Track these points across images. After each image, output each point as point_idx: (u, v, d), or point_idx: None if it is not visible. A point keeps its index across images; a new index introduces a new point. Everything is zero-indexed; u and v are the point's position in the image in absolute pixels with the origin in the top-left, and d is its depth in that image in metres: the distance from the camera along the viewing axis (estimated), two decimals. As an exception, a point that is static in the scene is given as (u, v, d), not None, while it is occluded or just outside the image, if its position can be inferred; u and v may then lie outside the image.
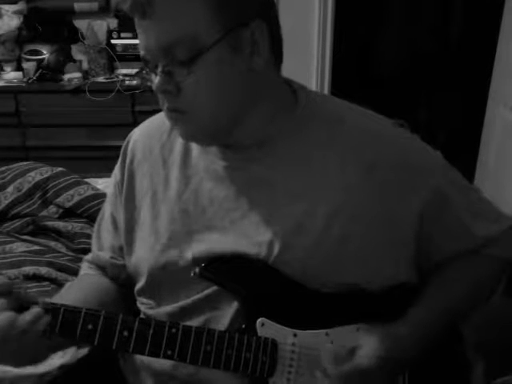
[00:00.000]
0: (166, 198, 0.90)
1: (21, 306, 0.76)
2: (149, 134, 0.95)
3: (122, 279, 0.98)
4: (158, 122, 0.94)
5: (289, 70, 0.97)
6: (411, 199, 0.84)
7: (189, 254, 0.86)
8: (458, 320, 0.93)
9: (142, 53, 0.78)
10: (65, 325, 0.77)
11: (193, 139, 0.85)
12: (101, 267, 1.00)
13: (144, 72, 0.80)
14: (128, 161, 0.95)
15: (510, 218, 0.94)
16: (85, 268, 1.03)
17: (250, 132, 0.83)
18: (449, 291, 0.89)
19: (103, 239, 1.00)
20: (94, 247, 1.02)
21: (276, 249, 0.82)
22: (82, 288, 0.98)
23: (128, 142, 0.97)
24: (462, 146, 3.16)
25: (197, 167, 0.88)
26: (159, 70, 0.76)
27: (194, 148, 0.90)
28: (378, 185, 0.83)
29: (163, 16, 0.73)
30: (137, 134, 0.98)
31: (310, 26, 2.88)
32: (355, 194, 0.83)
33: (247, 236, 0.84)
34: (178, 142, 0.91)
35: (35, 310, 0.75)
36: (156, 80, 0.76)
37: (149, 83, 0.79)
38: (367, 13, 3.79)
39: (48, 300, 0.80)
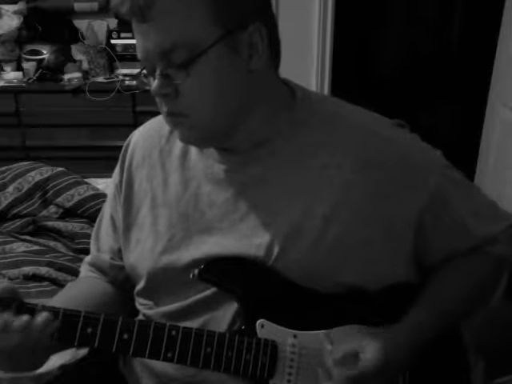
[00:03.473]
0: (165, 201, 0.90)
1: (18, 311, 0.75)
2: (148, 137, 0.95)
3: (120, 281, 0.98)
4: (157, 124, 0.94)
5: (289, 70, 0.97)
6: (410, 198, 0.84)
7: (188, 257, 0.86)
8: (459, 320, 0.93)
9: (139, 55, 0.78)
10: (64, 328, 0.77)
11: (192, 142, 0.85)
12: (100, 269, 1.00)
13: (142, 75, 0.79)
14: (127, 163, 0.95)
15: (510, 216, 0.94)
16: (85, 270, 1.03)
17: (249, 134, 0.83)
18: (449, 291, 0.89)
19: (102, 241, 1.00)
20: (92, 249, 1.02)
21: (275, 251, 0.82)
22: (81, 290, 0.98)
23: (127, 145, 0.98)
24: (462, 146, 3.16)
25: (195, 170, 0.88)
26: (157, 73, 0.75)
27: (193, 151, 0.89)
28: (377, 184, 0.83)
29: (162, 20, 0.72)
30: (136, 136, 0.98)
31: (310, 26, 2.87)
32: (353, 192, 0.82)
33: (246, 238, 0.84)
34: (177, 146, 0.91)
35: (45, 314, 0.75)
36: (154, 83, 0.76)
37: (147, 87, 0.79)
38: (367, 13, 3.79)
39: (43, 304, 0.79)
